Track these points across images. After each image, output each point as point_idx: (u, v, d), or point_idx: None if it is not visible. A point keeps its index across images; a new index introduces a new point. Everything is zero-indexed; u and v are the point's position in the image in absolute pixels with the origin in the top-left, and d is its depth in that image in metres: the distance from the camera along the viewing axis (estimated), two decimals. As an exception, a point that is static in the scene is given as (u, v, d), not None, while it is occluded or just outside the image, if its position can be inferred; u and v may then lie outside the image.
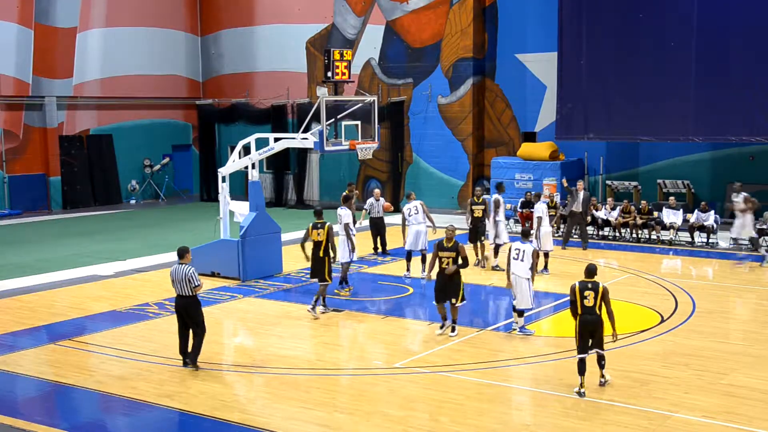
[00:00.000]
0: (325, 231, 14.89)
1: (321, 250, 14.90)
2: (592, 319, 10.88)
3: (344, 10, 31.32)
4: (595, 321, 10.87)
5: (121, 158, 32.69)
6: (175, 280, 11.98)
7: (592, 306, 10.88)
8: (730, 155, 24.89)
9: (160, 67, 34.01)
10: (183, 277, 11.86)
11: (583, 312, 10.93)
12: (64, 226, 27.14)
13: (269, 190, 31.51)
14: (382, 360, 12.55)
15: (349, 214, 16.95)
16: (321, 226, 14.95)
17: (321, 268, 14.94)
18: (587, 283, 11.01)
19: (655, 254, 20.93)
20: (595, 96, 24.94)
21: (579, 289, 10.97)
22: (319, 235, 14.91)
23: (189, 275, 11.87)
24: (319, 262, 14.94)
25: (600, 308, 10.89)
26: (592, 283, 10.99)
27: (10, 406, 10.92)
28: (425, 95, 29.60)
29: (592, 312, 10.89)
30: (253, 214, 17.93)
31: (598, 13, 24.83)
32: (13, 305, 16.24)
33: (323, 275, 14.95)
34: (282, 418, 10.29)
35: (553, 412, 10.35)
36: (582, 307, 10.92)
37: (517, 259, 13.57)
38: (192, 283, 11.86)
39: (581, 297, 10.91)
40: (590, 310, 10.90)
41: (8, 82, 29.54)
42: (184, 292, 11.95)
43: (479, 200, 18.71)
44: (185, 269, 11.92)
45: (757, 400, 10.64)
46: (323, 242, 14.89)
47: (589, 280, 11.04)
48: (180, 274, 11.90)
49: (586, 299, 10.89)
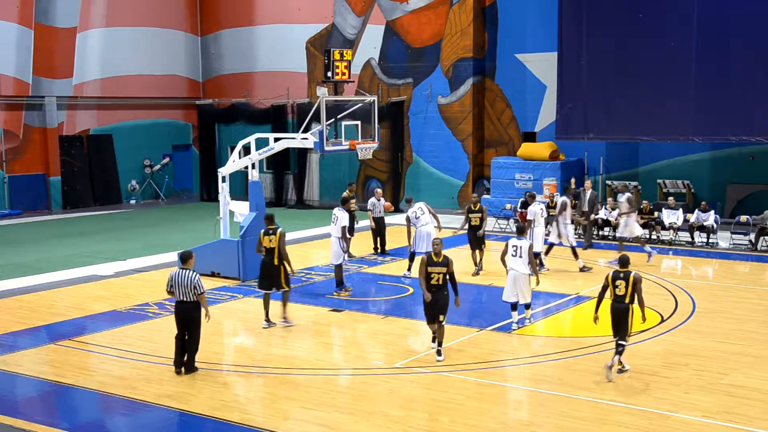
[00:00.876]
0: (277, 237, 14.06)
1: (274, 258, 14.07)
2: (621, 307, 11.49)
3: (344, 10, 31.32)
4: (622, 309, 11.47)
5: (121, 158, 32.69)
6: (177, 284, 11.67)
7: (622, 295, 11.49)
8: (730, 155, 24.90)
9: (160, 67, 34.01)
10: (188, 283, 11.59)
11: (614, 300, 11.59)
12: (64, 226, 27.13)
13: (269, 190, 31.51)
14: (382, 360, 12.55)
15: (346, 216, 16.74)
16: (272, 233, 14.12)
17: (277, 276, 14.09)
18: (620, 272, 11.59)
19: (655, 254, 20.93)
20: (595, 96, 24.94)
21: (612, 278, 11.61)
22: (270, 241, 14.09)
23: (195, 281, 11.62)
24: (273, 270, 14.09)
25: (630, 298, 11.45)
26: (624, 273, 11.56)
27: (10, 406, 10.92)
28: (425, 95, 29.60)
29: (621, 300, 11.50)
30: (253, 214, 17.92)
31: (598, 13, 24.83)
32: (13, 305, 16.24)
33: (280, 283, 14.13)
34: (282, 418, 10.29)
35: (553, 412, 10.35)
36: (613, 295, 11.58)
37: (515, 256, 13.72)
38: (198, 290, 11.62)
39: (613, 285, 11.57)
40: (620, 299, 11.51)
41: (8, 82, 29.54)
42: (187, 298, 11.68)
43: (476, 207, 18.26)
44: (190, 275, 11.65)
45: (757, 400, 10.64)
46: (275, 249, 14.06)
47: (622, 270, 11.62)
48: (185, 279, 11.63)
49: (617, 288, 11.52)
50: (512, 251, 13.75)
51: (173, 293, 11.82)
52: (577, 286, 17.12)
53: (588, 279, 17.98)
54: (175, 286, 11.72)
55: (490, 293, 16.72)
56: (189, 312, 11.74)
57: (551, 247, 19.03)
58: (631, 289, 11.42)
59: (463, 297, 16.39)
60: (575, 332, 14.41)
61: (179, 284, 11.66)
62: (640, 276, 11.64)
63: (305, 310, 15.50)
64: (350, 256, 20.21)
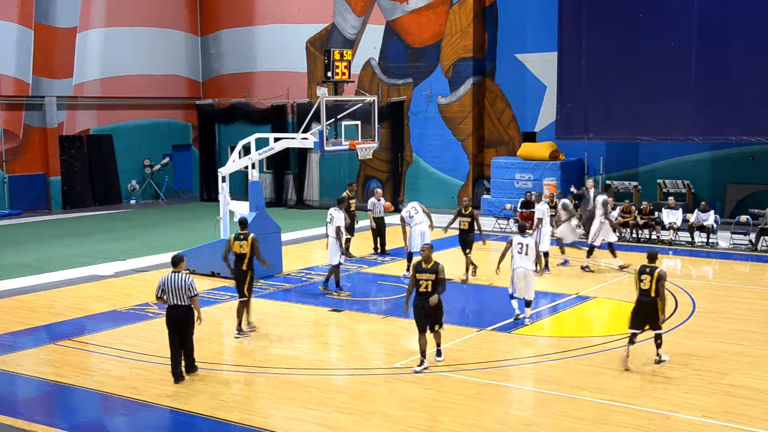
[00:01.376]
0: (249, 243, 13.68)
1: (243, 263, 13.73)
2: (647, 300, 11.77)
3: (344, 10, 31.33)
4: (648, 303, 11.74)
5: (121, 158, 32.69)
6: (170, 289, 11.34)
7: (647, 289, 11.73)
8: (730, 155, 24.90)
9: (160, 67, 34.01)
10: (182, 286, 11.29)
11: (640, 293, 11.85)
12: (64, 226, 27.14)
13: (269, 190, 31.52)
14: (382, 360, 12.55)
15: (341, 216, 16.59)
16: (244, 238, 13.75)
17: (241, 282, 13.71)
18: (646, 267, 11.87)
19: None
20: (595, 96, 24.94)
21: (638, 272, 11.90)
22: (241, 247, 13.73)
23: (189, 283, 11.34)
24: (241, 275, 13.71)
25: (655, 292, 11.69)
26: (650, 267, 11.83)
27: (10, 406, 10.92)
28: (425, 95, 29.60)
29: (647, 294, 11.75)
30: (253, 214, 17.92)
31: (598, 13, 24.83)
32: (13, 305, 16.24)
33: (242, 290, 13.72)
34: (282, 418, 10.29)
35: (553, 412, 10.35)
36: (639, 289, 11.84)
37: (521, 253, 14.00)
38: (191, 291, 11.33)
39: (639, 280, 11.83)
40: (646, 293, 11.77)
41: (8, 82, 29.54)
42: (180, 302, 11.37)
43: (467, 211, 17.65)
44: (183, 277, 11.38)
45: (757, 400, 10.64)
46: (247, 255, 13.71)
47: (648, 265, 11.89)
48: (178, 283, 11.32)
49: (642, 282, 11.78)
50: (518, 249, 14.02)
51: (163, 299, 11.47)
52: (577, 286, 17.12)
53: (588, 279, 17.98)
54: (167, 290, 11.37)
55: (490, 293, 16.72)
56: (183, 316, 11.43)
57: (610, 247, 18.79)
58: (656, 284, 11.66)
59: (462, 297, 16.46)
60: (575, 332, 14.40)
61: (172, 288, 11.33)
62: (665, 273, 11.89)
63: (305, 310, 15.51)
64: (350, 256, 20.24)
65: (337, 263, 16.57)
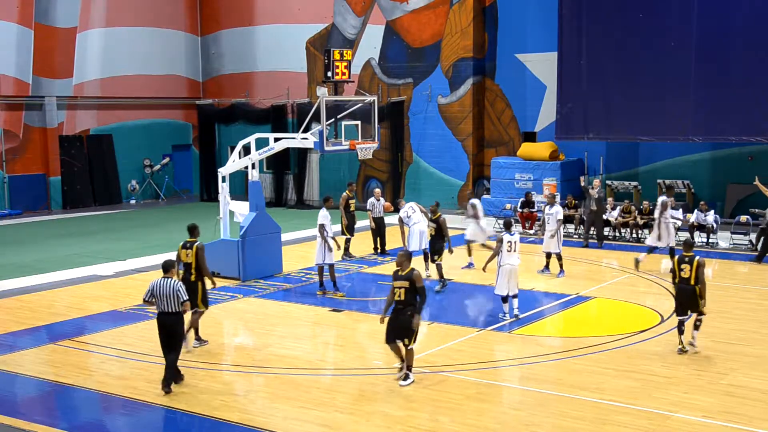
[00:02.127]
0: (193, 252, 12.84)
1: (192, 273, 12.84)
2: (687, 288, 12.31)
3: (344, 10, 31.33)
4: (689, 290, 12.30)
5: (121, 158, 32.70)
6: (160, 295, 10.98)
7: (687, 277, 12.28)
8: (730, 155, 24.90)
9: (160, 67, 34.02)
10: (172, 292, 10.93)
11: (680, 281, 12.38)
12: (64, 226, 27.14)
13: (269, 190, 31.52)
14: (382, 360, 12.55)
15: (324, 215, 16.45)
16: (189, 246, 12.93)
17: (193, 294, 12.55)
18: (685, 256, 12.38)
19: (655, 254, 20.92)
20: (595, 96, 24.94)
21: (678, 261, 12.42)
22: (188, 256, 12.89)
23: (178, 289, 10.96)
24: (190, 286, 12.45)
25: (695, 280, 12.22)
26: (689, 257, 12.33)
27: (10, 406, 10.92)
28: (425, 95, 29.60)
29: (687, 282, 12.30)
30: (253, 214, 17.93)
31: (598, 13, 24.83)
32: (13, 305, 16.25)
33: (195, 301, 12.73)
34: (282, 418, 10.29)
35: (553, 412, 10.35)
36: (679, 278, 12.36)
37: (510, 251, 14.32)
38: (180, 298, 10.94)
39: (679, 269, 12.36)
40: (686, 281, 12.31)
41: (8, 82, 29.55)
42: (169, 309, 10.97)
43: (434, 216, 16.94)
44: (173, 283, 11.02)
45: (757, 400, 10.64)
46: (192, 264, 12.85)
47: (687, 254, 12.38)
48: (168, 289, 10.96)
49: (682, 271, 12.31)
50: (507, 247, 14.29)
51: (152, 302, 11.11)
52: (577, 286, 17.12)
53: (588, 279, 17.98)
54: (157, 296, 11.02)
55: (490, 293, 16.69)
56: (173, 324, 11.06)
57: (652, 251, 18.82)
58: (695, 272, 12.16)
59: (462, 297, 16.44)
60: (575, 332, 14.40)
61: (162, 294, 10.98)
62: (704, 260, 12.40)
63: (305, 310, 15.51)
64: (350, 256, 20.25)
65: (322, 263, 16.41)
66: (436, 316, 14.93)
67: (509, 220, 15.10)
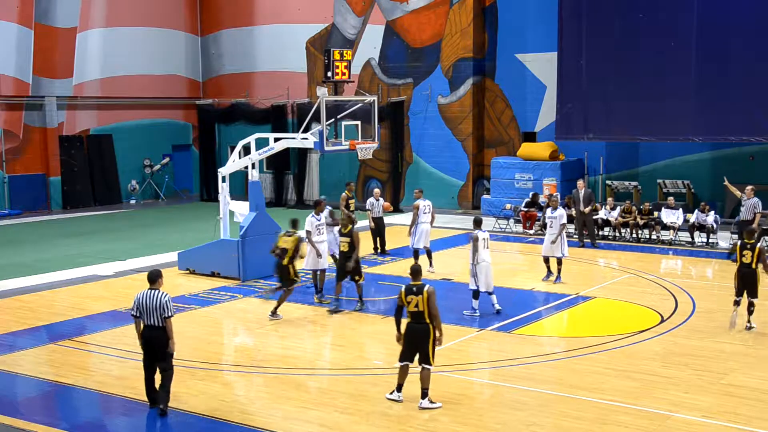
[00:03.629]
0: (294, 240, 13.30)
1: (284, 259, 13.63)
2: (748, 272, 13.47)
3: (344, 10, 31.33)
4: (749, 274, 13.46)
5: (121, 158, 32.70)
6: (144, 307, 10.19)
7: (749, 263, 13.44)
8: (730, 155, 24.90)
9: (160, 67, 34.01)
10: (157, 305, 10.13)
11: (741, 266, 13.52)
12: (64, 226, 27.13)
13: (269, 190, 31.51)
14: (382, 360, 12.55)
15: (311, 221, 16.12)
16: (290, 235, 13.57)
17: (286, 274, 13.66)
18: (746, 243, 13.51)
19: (655, 254, 20.93)
20: (595, 96, 24.94)
21: (740, 247, 13.56)
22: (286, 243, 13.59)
23: (164, 302, 10.15)
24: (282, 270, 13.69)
25: (755, 264, 13.39)
26: (750, 243, 13.46)
27: (10, 406, 10.92)
28: (425, 95, 29.60)
29: (748, 267, 13.45)
30: (253, 214, 17.92)
31: (598, 13, 24.83)
32: (13, 305, 16.24)
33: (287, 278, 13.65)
34: (282, 418, 10.29)
35: (553, 412, 10.35)
36: (740, 263, 13.51)
37: (486, 248, 14.63)
38: (166, 312, 10.14)
39: (740, 254, 13.50)
40: (747, 266, 13.47)
41: (8, 82, 29.55)
42: (154, 322, 10.17)
43: (346, 230, 15.58)
44: (159, 296, 10.19)
45: (757, 400, 10.64)
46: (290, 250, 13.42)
47: (749, 241, 13.51)
48: (153, 302, 10.15)
49: (744, 257, 13.46)
50: (483, 244, 14.57)
51: (139, 317, 10.30)
52: (577, 286, 17.11)
53: (588, 279, 17.98)
54: (142, 309, 10.22)
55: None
56: (159, 339, 10.23)
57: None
58: (756, 258, 13.32)
59: (462, 297, 16.41)
60: (575, 332, 14.41)
61: (147, 307, 10.17)
62: (765, 246, 13.44)
63: (305, 310, 15.50)
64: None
65: (312, 268, 16.18)
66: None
67: (479, 217, 15.29)
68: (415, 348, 10.44)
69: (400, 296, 10.51)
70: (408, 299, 10.41)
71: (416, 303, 10.34)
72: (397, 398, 10.61)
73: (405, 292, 10.46)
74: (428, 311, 10.32)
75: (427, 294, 10.33)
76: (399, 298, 10.54)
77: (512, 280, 17.77)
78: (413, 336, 10.42)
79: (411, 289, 10.45)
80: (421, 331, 10.37)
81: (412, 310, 10.39)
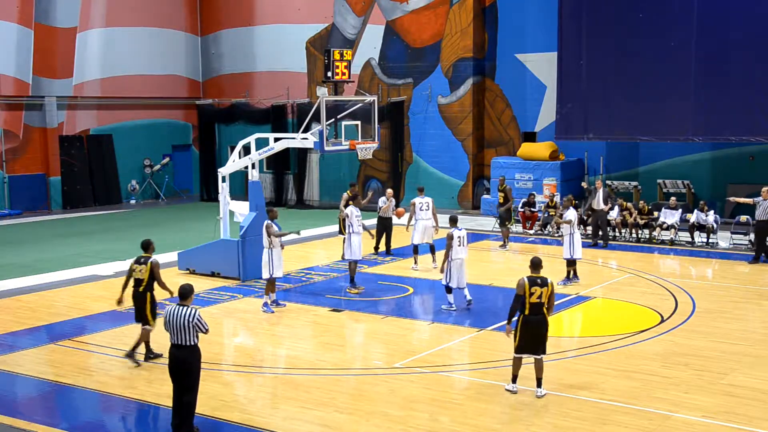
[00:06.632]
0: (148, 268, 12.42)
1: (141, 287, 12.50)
2: None
3: (344, 10, 31.33)
4: None
5: (121, 158, 32.69)
6: (172, 325, 9.54)
7: None
8: (730, 155, 24.90)
9: (160, 67, 34.01)
10: (187, 323, 9.47)
11: None
12: (64, 226, 27.13)
13: (269, 190, 31.51)
14: (382, 360, 12.55)
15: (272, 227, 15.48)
16: (144, 262, 12.51)
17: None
18: None
19: (655, 254, 20.93)
20: (595, 96, 24.94)
21: None
22: (141, 272, 12.49)
23: (196, 321, 9.50)
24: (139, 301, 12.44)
25: None
26: None
27: (10, 406, 10.92)
28: (425, 95, 29.60)
29: None
30: (253, 214, 17.91)
31: (598, 13, 24.84)
32: (13, 305, 16.24)
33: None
34: (282, 418, 10.29)
35: (553, 412, 10.35)
36: None
37: (461, 246, 14.84)
38: (200, 331, 9.58)
39: None
40: None
41: (8, 82, 29.54)
42: (181, 341, 9.53)
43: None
44: (189, 312, 9.54)
45: (757, 400, 10.64)
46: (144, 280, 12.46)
47: None
48: (183, 319, 9.48)
49: None
50: (458, 242, 14.75)
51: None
52: (577, 286, 17.11)
53: (588, 279, 17.97)
54: (169, 326, 9.56)
55: (490, 293, 16.71)
56: (185, 363, 9.57)
57: None
58: None
59: (462, 297, 16.40)
60: (575, 332, 14.41)
61: (175, 325, 9.50)
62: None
63: (305, 310, 15.50)
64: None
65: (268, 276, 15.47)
66: (439, 316, 14.94)
67: (455, 215, 15.73)
68: (538, 339, 10.69)
69: (523, 287, 10.63)
70: (532, 290, 10.58)
71: (539, 294, 10.58)
72: (514, 389, 10.92)
73: (529, 284, 10.63)
74: (548, 302, 10.68)
75: (551, 286, 10.71)
76: (521, 289, 10.65)
77: (512, 280, 17.72)
78: (538, 327, 10.68)
79: (535, 281, 10.66)
80: (544, 322, 10.71)
81: (534, 301, 10.58)
